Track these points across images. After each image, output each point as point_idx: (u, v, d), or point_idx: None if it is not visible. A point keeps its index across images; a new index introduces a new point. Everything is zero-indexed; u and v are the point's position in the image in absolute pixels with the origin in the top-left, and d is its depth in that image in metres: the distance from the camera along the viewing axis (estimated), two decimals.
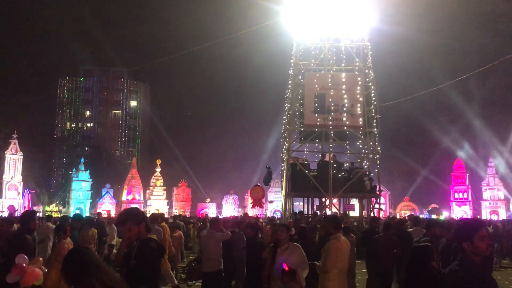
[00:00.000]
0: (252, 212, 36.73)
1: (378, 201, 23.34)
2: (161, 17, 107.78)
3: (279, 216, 30.96)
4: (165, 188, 51.12)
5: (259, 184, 25.45)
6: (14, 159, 43.50)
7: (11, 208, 39.61)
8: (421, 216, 25.69)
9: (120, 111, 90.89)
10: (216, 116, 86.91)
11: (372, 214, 21.94)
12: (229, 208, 51.42)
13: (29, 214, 7.92)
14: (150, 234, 4.50)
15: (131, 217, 4.42)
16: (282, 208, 25.98)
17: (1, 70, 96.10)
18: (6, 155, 43.32)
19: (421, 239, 8.24)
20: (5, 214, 33.62)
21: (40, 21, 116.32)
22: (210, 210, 50.13)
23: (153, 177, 51.19)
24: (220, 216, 21.42)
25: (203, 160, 70.21)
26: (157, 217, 11.64)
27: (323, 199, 23.18)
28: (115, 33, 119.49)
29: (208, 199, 54.83)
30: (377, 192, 23.05)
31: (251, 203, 23.52)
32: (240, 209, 51.03)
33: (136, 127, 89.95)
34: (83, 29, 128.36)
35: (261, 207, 22.93)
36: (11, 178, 42.99)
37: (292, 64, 25.54)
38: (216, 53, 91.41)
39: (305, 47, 25.52)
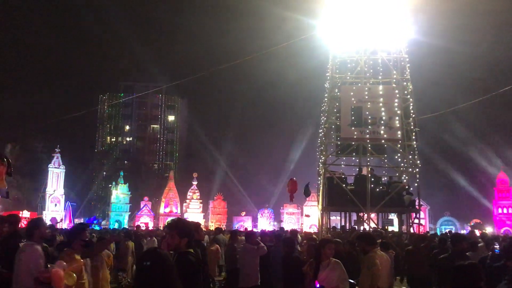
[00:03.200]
0: (288, 226, 36.45)
1: (417, 216, 22.72)
2: (197, 33, 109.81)
3: (315, 231, 30.59)
4: (201, 201, 51.54)
5: (294, 178, 25.09)
6: (56, 172, 44.98)
7: (54, 220, 40.83)
8: (462, 232, 24.79)
9: (158, 126, 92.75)
10: (252, 130, 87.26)
11: (412, 230, 21.36)
12: (265, 222, 51.26)
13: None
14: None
15: (179, 227, 4.52)
16: (318, 223, 25.66)
17: (45, 87, 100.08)
18: (49, 169, 44.86)
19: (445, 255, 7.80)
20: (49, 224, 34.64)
21: (82, 39, 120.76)
22: (246, 223, 50.11)
23: (189, 190, 51.74)
24: (255, 230, 21.37)
25: (239, 174, 70.50)
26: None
27: (361, 214, 22.75)
28: (153, 49, 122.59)
29: (244, 213, 54.86)
30: (417, 207, 22.45)
31: (289, 193, 23.38)
32: (276, 223, 50.78)
33: (174, 141, 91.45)
34: (123, 45, 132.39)
35: (291, 199, 22.83)
36: (54, 191, 44.41)
37: (328, 78, 25.39)
38: (251, 68, 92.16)
39: (341, 60, 25.34)
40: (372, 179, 22.36)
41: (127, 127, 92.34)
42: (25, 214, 40.08)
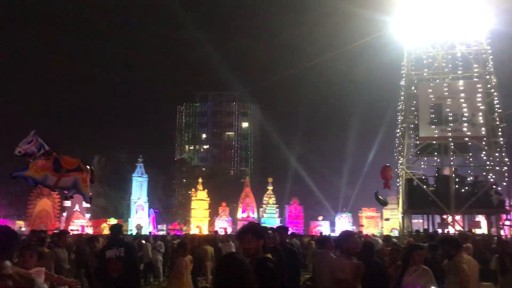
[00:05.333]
0: (366, 230, 35.51)
1: (508, 217, 21.21)
2: (267, 39, 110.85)
3: (396, 234, 29.55)
4: (277, 206, 51.67)
5: (388, 164, 23.96)
6: (140, 181, 47.24)
7: (139, 226, 42.90)
8: None
9: (233, 133, 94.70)
10: (327, 133, 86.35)
11: (502, 232, 20.00)
12: (343, 227, 50.28)
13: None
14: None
15: (251, 230, 4.47)
16: (399, 226, 24.75)
17: (127, 101, 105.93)
18: (133, 178, 47.23)
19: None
20: (134, 232, 36.48)
21: (159, 52, 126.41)
22: (323, 228, 49.49)
23: (265, 195, 52.07)
24: (333, 235, 21.01)
25: (315, 177, 69.95)
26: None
27: (445, 216, 21.66)
28: (226, 59, 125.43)
29: (321, 217, 54.24)
30: (507, 207, 20.96)
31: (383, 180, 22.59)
32: (354, 227, 49.66)
33: (248, 147, 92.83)
34: (198, 57, 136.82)
35: (388, 187, 21.99)
36: (138, 198, 46.65)
37: (403, 75, 24.52)
38: (322, 70, 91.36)
39: (416, 56, 24.38)
40: (456, 179, 21.28)
41: (204, 135, 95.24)
42: (112, 221, 42.50)
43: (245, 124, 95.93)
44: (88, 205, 45.06)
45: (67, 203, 41.96)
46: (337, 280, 5.82)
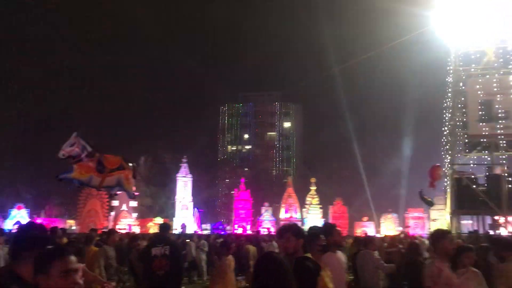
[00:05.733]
0: (413, 231, 34.61)
1: None
2: (307, 38, 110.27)
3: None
4: (321, 206, 51.20)
5: (438, 164, 23.34)
6: (184, 181, 48.10)
7: (183, 226, 43.66)
8: None
9: (275, 133, 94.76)
10: (372, 131, 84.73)
11: None
12: (388, 227, 49.21)
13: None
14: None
15: (291, 229, 4.48)
16: (447, 228, 23.97)
17: (172, 102, 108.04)
18: (178, 178, 48.16)
19: None
20: (179, 231, 37.14)
21: (202, 53, 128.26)
22: (368, 229, 48.61)
23: (308, 195, 51.73)
24: (378, 236, 20.59)
25: (359, 177, 68.76)
26: None
27: (496, 217, 20.81)
28: (268, 58, 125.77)
29: (366, 218, 53.31)
30: None
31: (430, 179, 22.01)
32: (400, 228, 48.51)
33: (290, 147, 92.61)
34: (239, 57, 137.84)
35: (433, 187, 21.41)
36: (183, 198, 47.50)
37: (450, 71, 23.72)
38: (363, 68, 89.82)
39: (464, 51, 23.52)
40: (509, 179, 20.40)
41: (246, 136, 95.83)
42: (158, 220, 43.47)
43: (287, 124, 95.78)
44: (135, 205, 46.37)
45: (115, 203, 43.31)
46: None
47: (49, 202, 57.72)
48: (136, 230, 40.89)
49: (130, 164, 9.01)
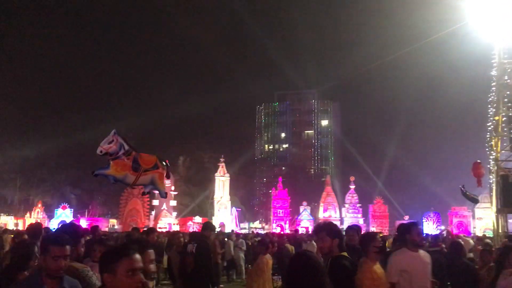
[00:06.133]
0: (457, 230, 33.56)
1: None
2: (344, 34, 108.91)
3: (489, 235, 27.63)
4: (360, 205, 50.50)
5: (479, 160, 22.65)
6: (222, 180, 48.51)
7: (222, 225, 44.04)
8: None
9: (312, 131, 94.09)
10: (412, 128, 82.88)
11: None
12: (430, 226, 47.96)
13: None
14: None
15: (325, 229, 4.42)
16: (493, 227, 23.09)
17: (208, 103, 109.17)
18: (216, 177, 48.60)
19: None
20: (217, 229, 37.45)
21: (238, 53, 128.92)
22: None
23: (347, 194, 51.11)
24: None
25: (399, 175, 67.38)
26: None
27: None
28: (303, 57, 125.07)
29: (407, 216, 52.14)
30: None
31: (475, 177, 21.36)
32: (443, 227, 47.17)
33: (328, 145, 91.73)
34: (273, 57, 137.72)
35: (481, 185, 20.77)
36: (221, 197, 47.91)
37: (494, 65, 22.80)
38: (400, 63, 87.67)
39: (509, 44, 22.55)
40: None
41: (283, 135, 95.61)
42: (197, 219, 44.00)
43: (324, 122, 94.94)
44: (174, 204, 47.17)
45: (155, 202, 44.16)
46: None
47: (92, 202, 59.58)
48: (176, 229, 41.55)
49: (164, 164, 9.16)
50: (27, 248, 5.05)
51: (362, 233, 6.74)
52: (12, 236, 11.55)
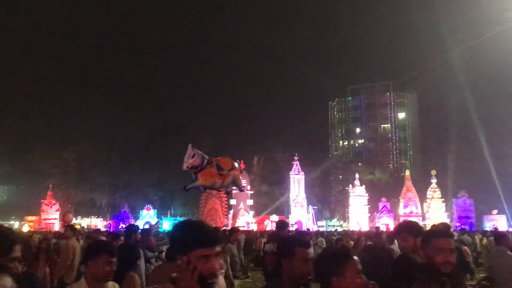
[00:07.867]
0: None
1: None
2: (416, 24, 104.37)
3: None
4: (443, 200, 48.20)
5: None
6: (297, 179, 48.47)
7: (299, 223, 44.00)
8: None
9: (389, 125, 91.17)
10: (495, 116, 77.45)
11: None
12: None
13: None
14: None
15: (407, 229, 4.30)
16: None
17: (279, 101, 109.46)
18: (290, 176, 48.68)
19: None
20: (294, 228, 37.52)
21: (311, 51, 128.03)
22: (499, 222, 44.59)
23: (429, 189, 48.98)
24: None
25: (485, 167, 63.18)
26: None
27: None
28: (375, 48, 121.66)
29: (496, 211, 48.98)
30: None
31: None
32: None
33: (406, 139, 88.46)
34: (342, 50, 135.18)
35: None
36: (296, 196, 47.89)
37: None
38: (480, 52, 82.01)
39: None
40: None
41: (358, 130, 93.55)
42: (274, 218, 44.37)
43: (402, 115, 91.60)
44: (251, 203, 47.88)
45: (233, 202, 45.12)
46: None
47: (173, 202, 62.11)
48: (254, 227, 42.15)
49: (236, 163, 10.32)
50: (133, 248, 5.24)
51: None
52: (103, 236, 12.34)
